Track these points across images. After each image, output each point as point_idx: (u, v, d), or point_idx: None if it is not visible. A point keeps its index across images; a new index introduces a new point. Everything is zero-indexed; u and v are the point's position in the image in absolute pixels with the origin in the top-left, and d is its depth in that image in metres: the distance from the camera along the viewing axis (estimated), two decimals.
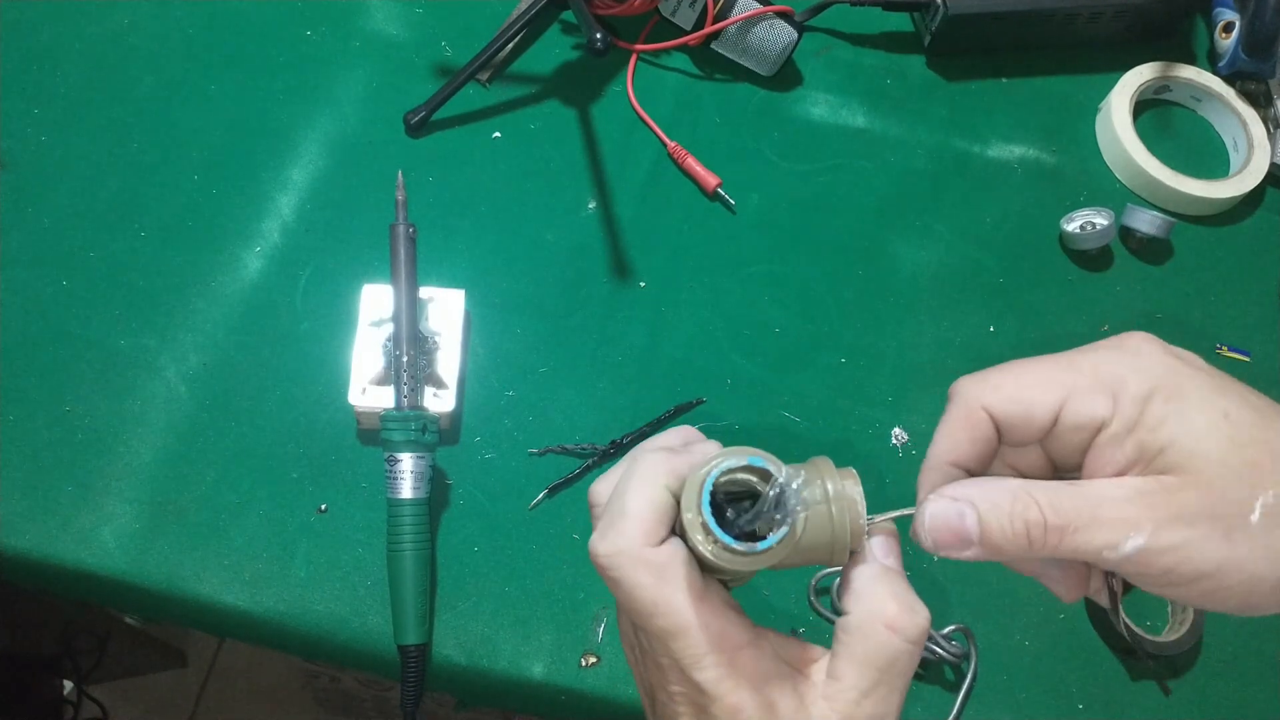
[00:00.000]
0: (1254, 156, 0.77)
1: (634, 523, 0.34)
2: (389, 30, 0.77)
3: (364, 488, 0.61)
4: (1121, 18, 0.81)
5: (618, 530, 0.34)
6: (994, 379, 0.36)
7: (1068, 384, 0.34)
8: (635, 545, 0.34)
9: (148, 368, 0.63)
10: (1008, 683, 0.60)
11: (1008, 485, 0.34)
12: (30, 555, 0.58)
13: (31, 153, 0.69)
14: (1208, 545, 0.31)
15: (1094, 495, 0.33)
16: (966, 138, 0.78)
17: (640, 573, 0.34)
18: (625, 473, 0.36)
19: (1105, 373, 0.34)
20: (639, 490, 0.35)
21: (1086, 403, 0.34)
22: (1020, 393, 0.35)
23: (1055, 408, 0.34)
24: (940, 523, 0.35)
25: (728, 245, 0.72)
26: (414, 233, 0.60)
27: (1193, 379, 0.33)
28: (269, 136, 0.71)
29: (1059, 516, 0.33)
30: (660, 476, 0.35)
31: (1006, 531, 0.33)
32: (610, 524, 0.35)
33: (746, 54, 0.77)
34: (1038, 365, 0.36)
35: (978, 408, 0.36)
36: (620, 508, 0.35)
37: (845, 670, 0.34)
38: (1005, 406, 0.35)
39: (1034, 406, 0.35)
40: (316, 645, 0.59)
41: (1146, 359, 0.34)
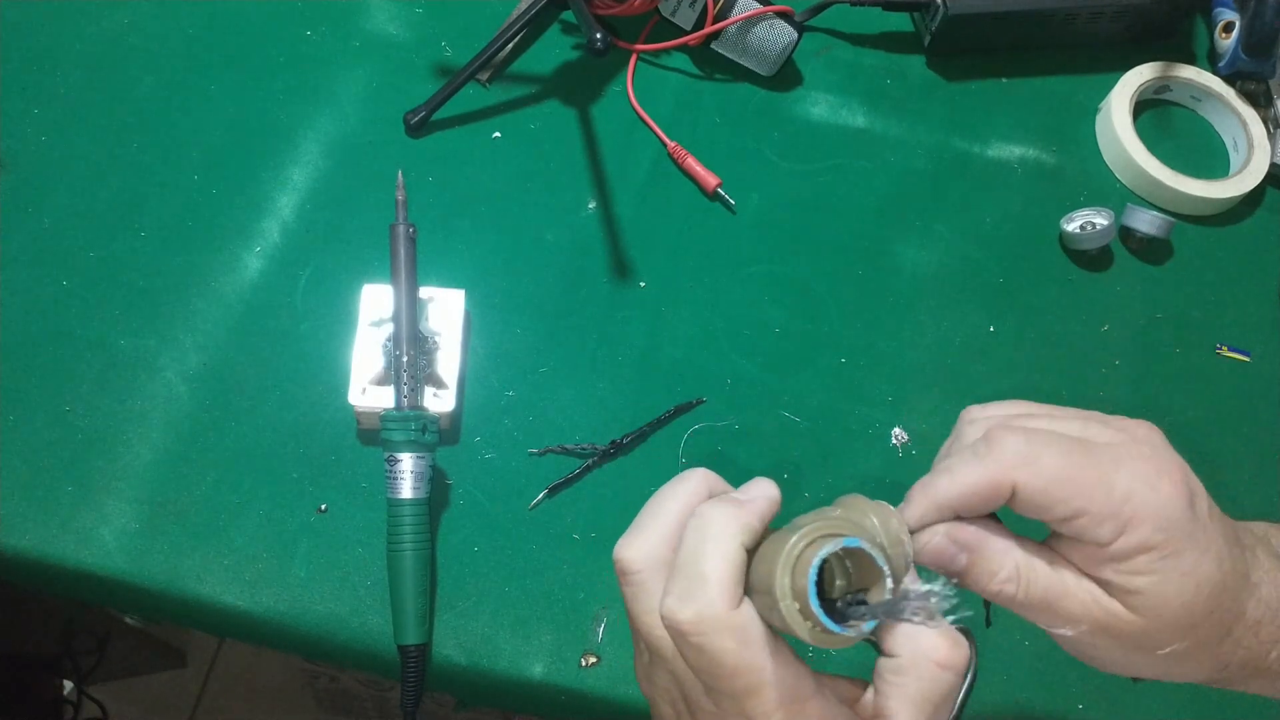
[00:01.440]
0: (1254, 156, 0.77)
1: (716, 588, 0.34)
2: (389, 30, 0.77)
3: (364, 488, 0.61)
4: (1121, 18, 0.81)
5: (700, 596, 0.34)
6: (1039, 453, 0.36)
7: (1094, 503, 0.35)
8: (720, 611, 0.33)
9: (148, 368, 0.63)
10: (1008, 683, 0.60)
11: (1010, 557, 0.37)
12: (30, 555, 0.58)
13: (31, 153, 0.69)
14: (1118, 654, 0.37)
15: (1061, 589, 0.36)
16: (966, 138, 0.79)
17: (726, 638, 0.33)
18: (694, 530, 0.35)
19: (1130, 507, 0.35)
20: (716, 550, 0.34)
21: (1098, 527, 0.35)
22: (1051, 490, 0.35)
23: (1073, 516, 0.36)
24: (935, 554, 0.37)
25: (728, 245, 0.72)
26: (414, 233, 0.60)
27: (1191, 542, 0.35)
28: (269, 136, 0.71)
29: (1027, 599, 0.37)
30: (736, 535, 0.35)
31: (983, 586, 0.37)
32: (689, 589, 0.34)
33: (746, 54, 0.77)
34: (1081, 465, 0.36)
35: (1009, 481, 0.36)
36: (698, 571, 0.34)
37: (900, 710, 0.35)
38: (1031, 495, 0.36)
39: (1055, 507, 0.36)
40: (316, 645, 0.59)
41: (1168, 512, 0.35)
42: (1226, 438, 0.69)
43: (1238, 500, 0.67)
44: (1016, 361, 0.70)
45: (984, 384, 0.69)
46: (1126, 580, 0.35)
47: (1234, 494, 0.67)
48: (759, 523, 0.36)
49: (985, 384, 0.69)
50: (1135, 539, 0.35)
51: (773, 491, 0.37)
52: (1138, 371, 0.71)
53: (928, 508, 0.37)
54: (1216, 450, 0.69)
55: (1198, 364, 0.72)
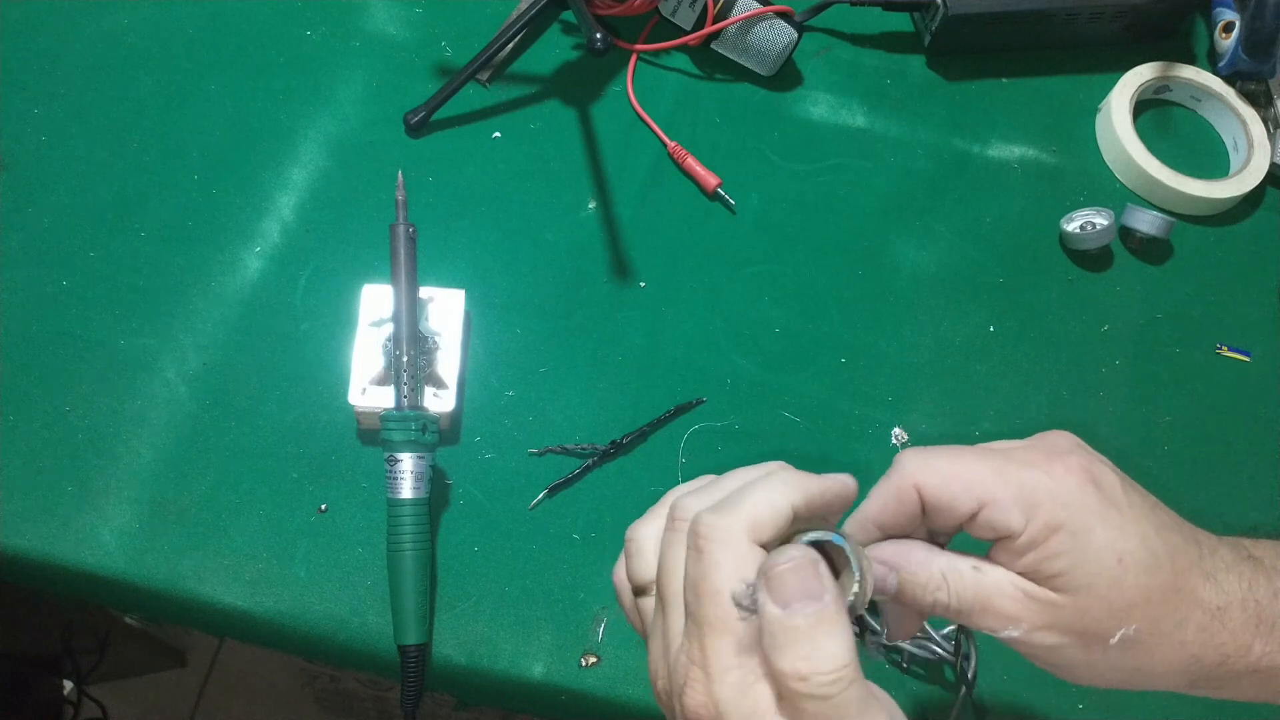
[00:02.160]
0: (1254, 156, 0.77)
1: (747, 512, 0.34)
2: (389, 30, 0.77)
3: (364, 488, 0.61)
4: (1121, 18, 0.81)
5: (731, 511, 0.34)
6: (933, 461, 0.39)
7: (991, 491, 0.37)
8: (739, 531, 0.34)
9: (148, 368, 0.63)
10: (1008, 683, 0.60)
11: (926, 561, 0.39)
12: (30, 555, 0.58)
13: (31, 153, 0.69)
14: (1068, 651, 0.38)
15: (992, 589, 0.38)
16: (966, 138, 0.79)
17: (727, 554, 0.33)
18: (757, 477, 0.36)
19: (1026, 493, 0.37)
20: (767, 490, 0.35)
21: (1001, 514, 0.37)
22: (949, 484, 0.38)
23: (974, 507, 0.37)
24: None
25: (728, 245, 0.72)
26: (414, 233, 0.60)
27: (1101, 518, 0.37)
28: (269, 136, 0.71)
29: (961, 604, 0.38)
30: (792, 490, 0.35)
31: (919, 600, 0.39)
32: (724, 504, 0.35)
33: (746, 54, 0.77)
34: (972, 460, 0.38)
35: (911, 485, 0.38)
36: (740, 495, 0.35)
37: None
38: (933, 491, 0.38)
39: (957, 501, 0.38)
40: (316, 645, 0.59)
41: (1067, 490, 0.37)
42: (1226, 438, 0.69)
43: (1238, 500, 0.67)
44: (1016, 361, 0.70)
45: (984, 384, 0.69)
46: (1048, 564, 0.37)
47: (1234, 494, 0.67)
48: (818, 493, 0.36)
49: (985, 384, 0.69)
50: (1041, 520, 0.36)
51: (848, 480, 0.37)
52: (1138, 371, 0.71)
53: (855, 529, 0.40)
54: (1216, 450, 0.69)
55: (1198, 364, 0.72)
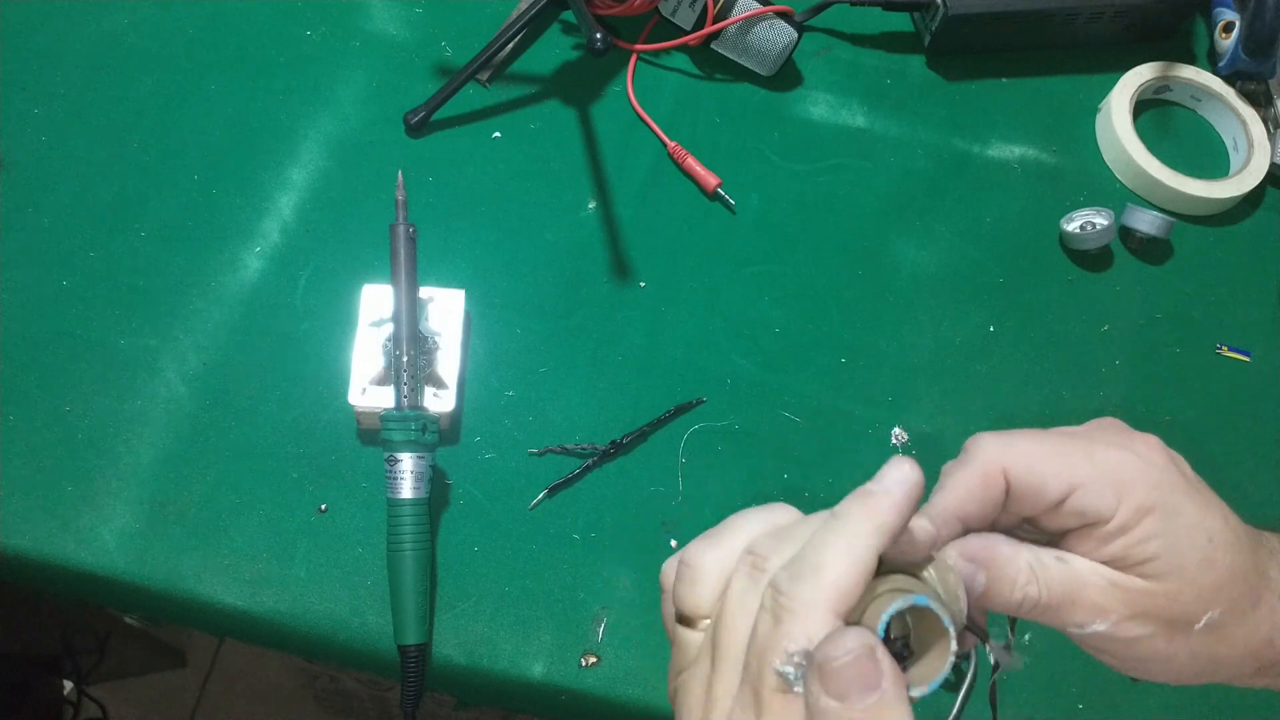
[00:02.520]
0: (1254, 156, 0.77)
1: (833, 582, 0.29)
2: (389, 30, 0.77)
3: (364, 488, 0.61)
4: (1121, 18, 0.81)
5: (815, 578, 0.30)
6: (1018, 444, 0.36)
7: (1082, 473, 0.36)
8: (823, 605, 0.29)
9: (148, 368, 0.63)
10: (1008, 683, 0.60)
11: (1022, 558, 0.36)
12: (30, 555, 0.58)
13: (31, 153, 0.69)
14: (1155, 641, 0.36)
15: (1081, 580, 0.36)
16: (966, 138, 0.79)
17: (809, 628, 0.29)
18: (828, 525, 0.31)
19: (1117, 474, 0.35)
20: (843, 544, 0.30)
21: (1095, 497, 0.35)
22: (1040, 465, 0.36)
23: (1065, 491, 0.36)
24: None
25: (728, 245, 0.72)
26: (414, 233, 0.60)
27: (1190, 498, 0.36)
28: (269, 136, 0.71)
29: (1051, 597, 0.36)
30: (871, 535, 0.30)
31: (1006, 598, 0.36)
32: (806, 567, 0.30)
33: (746, 54, 0.77)
34: (1057, 443, 0.37)
35: (998, 470, 0.36)
36: (821, 555, 0.30)
37: None
38: (1022, 474, 0.36)
39: (1049, 483, 0.36)
40: (316, 645, 0.59)
41: (1157, 470, 0.36)
42: (1226, 438, 0.69)
43: (1238, 500, 0.67)
44: (1016, 361, 0.70)
45: (984, 384, 0.69)
46: (1139, 549, 0.35)
47: (1234, 494, 0.67)
48: (898, 520, 0.31)
49: (985, 384, 0.69)
50: (1133, 503, 0.35)
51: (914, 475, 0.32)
52: (1138, 371, 0.71)
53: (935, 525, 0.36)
54: (1216, 450, 0.69)
55: (1198, 364, 0.72)
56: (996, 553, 0.36)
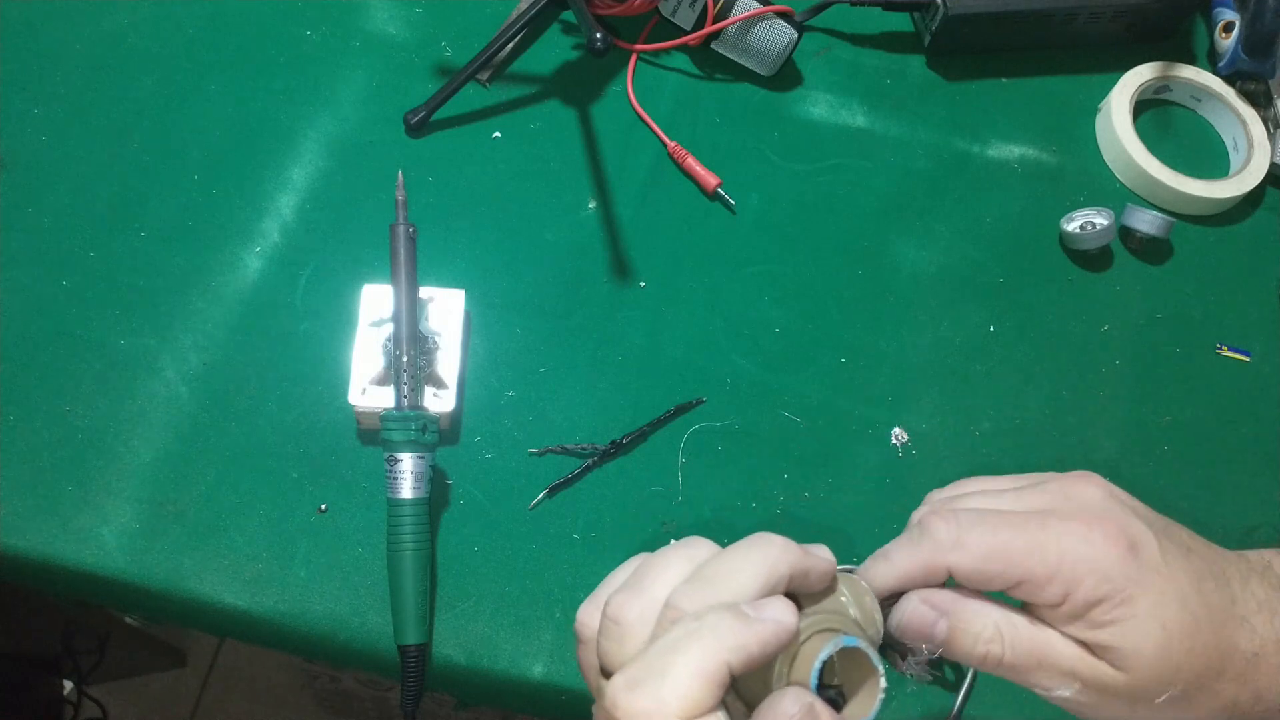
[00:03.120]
0: (1254, 156, 0.77)
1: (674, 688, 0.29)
2: (389, 30, 0.77)
3: (364, 488, 0.61)
4: (1121, 18, 0.81)
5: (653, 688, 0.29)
6: (966, 537, 0.37)
7: (1029, 569, 0.36)
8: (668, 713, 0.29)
9: (148, 368, 0.63)
10: (1008, 683, 0.60)
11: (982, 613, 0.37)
12: (30, 555, 0.58)
13: (31, 153, 0.69)
14: (1115, 709, 0.37)
15: (1048, 645, 0.37)
16: (966, 138, 0.79)
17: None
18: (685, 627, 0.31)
19: (1065, 568, 0.36)
20: (697, 654, 0.30)
21: (1041, 591, 0.36)
22: (983, 565, 0.36)
23: (1011, 584, 0.37)
24: (915, 624, 0.38)
25: (728, 245, 0.72)
26: (414, 233, 0.60)
27: (1143, 587, 0.36)
28: (269, 136, 0.71)
29: (1016, 658, 0.37)
30: (726, 651, 0.30)
31: (968, 651, 0.37)
32: (644, 677, 0.29)
33: (746, 54, 0.77)
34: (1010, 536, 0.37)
35: (943, 565, 0.37)
36: (663, 665, 0.30)
37: None
38: (966, 571, 0.37)
39: (992, 579, 0.37)
40: (316, 645, 0.59)
41: (1108, 563, 0.36)
42: (1226, 438, 0.69)
43: (1238, 501, 0.67)
44: (1016, 361, 0.70)
45: (984, 384, 0.69)
46: (1094, 636, 0.36)
47: (1234, 494, 0.67)
48: (758, 650, 0.31)
49: (985, 384, 0.69)
50: (1081, 595, 0.36)
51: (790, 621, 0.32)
52: (1138, 371, 0.71)
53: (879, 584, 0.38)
54: (1216, 450, 0.69)
55: (1198, 364, 0.72)
56: (963, 606, 0.37)
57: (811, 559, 0.35)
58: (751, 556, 0.33)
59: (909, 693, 0.59)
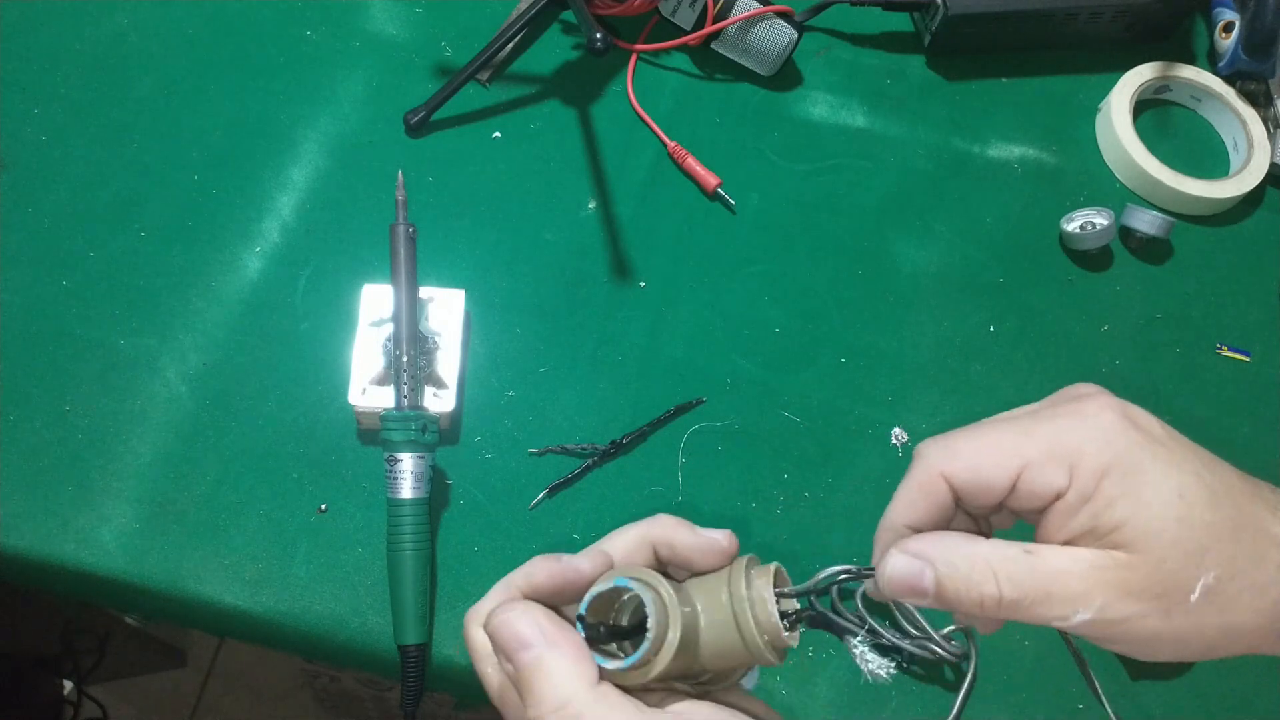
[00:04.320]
0: (1254, 156, 0.77)
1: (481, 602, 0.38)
2: (389, 30, 0.77)
3: (364, 488, 0.61)
4: (1121, 18, 0.81)
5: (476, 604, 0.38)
6: (954, 445, 0.36)
7: (1025, 454, 0.34)
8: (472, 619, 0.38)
9: (148, 368, 0.63)
10: (1008, 683, 0.60)
11: (967, 551, 0.34)
12: (30, 555, 0.58)
13: (31, 153, 0.69)
14: (1148, 620, 0.33)
15: (1048, 570, 0.33)
16: (966, 138, 0.79)
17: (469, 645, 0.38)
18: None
19: (1062, 444, 0.34)
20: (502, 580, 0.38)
21: (1042, 475, 0.34)
22: (977, 461, 0.35)
23: (1011, 478, 0.34)
24: (899, 578, 0.35)
25: (728, 245, 0.72)
26: (414, 233, 0.60)
27: (1150, 453, 0.33)
28: (269, 136, 0.71)
29: (1015, 591, 0.33)
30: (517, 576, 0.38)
31: (962, 598, 0.34)
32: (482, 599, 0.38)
33: (746, 54, 0.77)
34: (996, 431, 0.36)
35: (936, 475, 0.36)
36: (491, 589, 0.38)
37: None
38: (963, 475, 0.35)
39: (991, 476, 0.35)
40: (316, 645, 0.59)
41: (1105, 430, 0.34)
42: (1226, 438, 0.69)
43: None
44: (1016, 361, 0.70)
45: (984, 384, 0.69)
46: (1105, 516, 0.33)
47: None
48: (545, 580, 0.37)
49: (985, 384, 0.69)
50: (1086, 468, 0.33)
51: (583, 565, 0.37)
52: (1138, 371, 0.71)
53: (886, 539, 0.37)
54: (1216, 450, 0.68)
55: (1198, 364, 0.72)
56: (945, 546, 0.35)
57: (680, 531, 0.38)
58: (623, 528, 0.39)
59: (910, 693, 0.59)
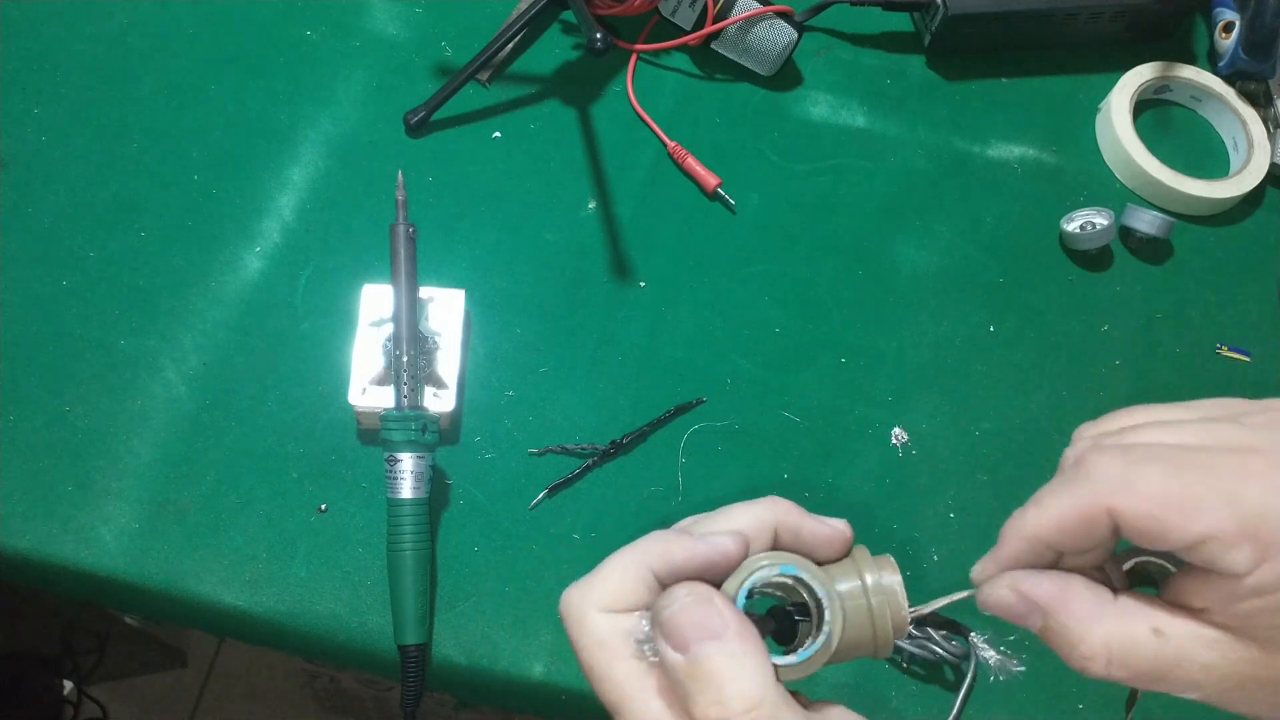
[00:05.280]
0: (1254, 156, 0.77)
1: (600, 582, 0.33)
2: (389, 30, 0.77)
3: (364, 488, 0.61)
4: (1121, 18, 0.81)
5: (586, 584, 0.34)
6: (1137, 474, 0.30)
7: (1219, 524, 0.29)
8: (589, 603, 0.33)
9: (148, 368, 0.63)
10: (1008, 683, 0.60)
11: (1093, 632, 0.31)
12: (30, 555, 0.58)
13: (31, 153, 0.69)
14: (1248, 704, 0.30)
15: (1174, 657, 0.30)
16: (966, 138, 0.78)
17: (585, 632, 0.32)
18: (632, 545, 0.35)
19: (1265, 524, 0.29)
20: (625, 556, 0.34)
21: (1229, 552, 0.29)
22: (1164, 514, 0.29)
23: (1194, 542, 0.29)
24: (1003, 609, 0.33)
25: (728, 245, 0.72)
26: (414, 233, 0.60)
27: None
28: (269, 136, 0.71)
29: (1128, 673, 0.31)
30: (651, 555, 0.33)
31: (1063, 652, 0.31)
32: (586, 577, 0.34)
33: (746, 54, 0.77)
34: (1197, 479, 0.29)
35: (1104, 507, 0.30)
36: (601, 566, 0.34)
37: None
38: (1141, 521, 0.30)
39: (1170, 534, 0.29)
40: (316, 645, 0.59)
41: None
42: None
43: None
44: (1016, 361, 0.70)
45: (984, 384, 0.69)
46: (1271, 615, 0.29)
47: None
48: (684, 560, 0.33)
49: (985, 384, 0.69)
50: (1273, 568, 0.28)
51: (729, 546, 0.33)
52: (1138, 371, 0.71)
53: (1017, 546, 0.33)
54: None
55: (1198, 364, 0.72)
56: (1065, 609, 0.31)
57: (808, 520, 0.35)
58: (745, 506, 0.34)
59: (910, 693, 0.59)
